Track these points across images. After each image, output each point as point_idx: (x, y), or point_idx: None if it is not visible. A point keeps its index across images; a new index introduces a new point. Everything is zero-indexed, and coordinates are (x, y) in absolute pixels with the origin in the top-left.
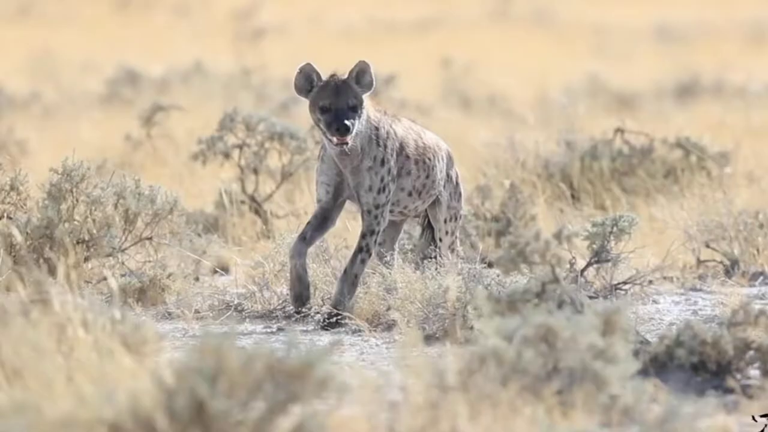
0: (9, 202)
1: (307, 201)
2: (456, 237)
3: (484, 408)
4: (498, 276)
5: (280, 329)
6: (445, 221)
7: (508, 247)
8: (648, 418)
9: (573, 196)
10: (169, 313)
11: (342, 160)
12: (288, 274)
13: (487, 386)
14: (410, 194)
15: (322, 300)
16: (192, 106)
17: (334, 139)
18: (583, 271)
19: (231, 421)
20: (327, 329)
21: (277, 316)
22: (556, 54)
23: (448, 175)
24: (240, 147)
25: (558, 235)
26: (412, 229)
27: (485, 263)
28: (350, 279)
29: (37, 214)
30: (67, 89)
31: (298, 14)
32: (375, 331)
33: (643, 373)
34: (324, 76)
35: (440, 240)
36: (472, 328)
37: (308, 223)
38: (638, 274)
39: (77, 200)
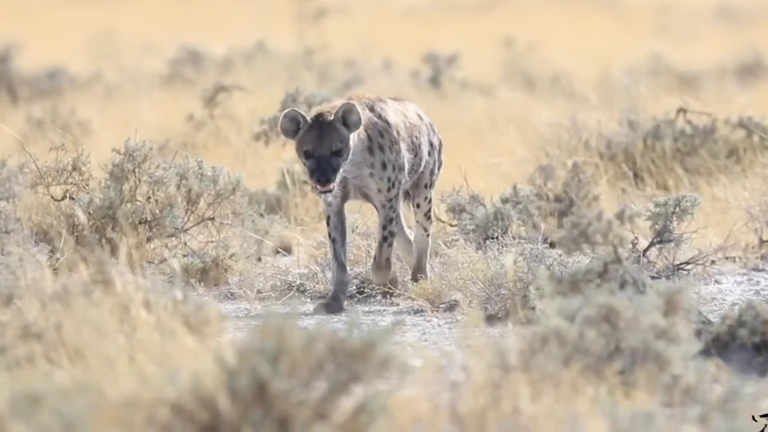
0: (71, 183)
1: None
2: (432, 204)
3: (546, 388)
4: (560, 256)
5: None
6: (426, 186)
7: (571, 227)
8: (710, 398)
9: (635, 176)
10: (232, 294)
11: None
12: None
13: (548, 366)
14: (404, 181)
15: None
16: (254, 86)
17: (317, 187)
18: (645, 251)
19: (293, 401)
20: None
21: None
22: (618, 34)
23: (431, 144)
24: None
25: (620, 216)
26: (474, 209)
27: (547, 243)
28: (383, 264)
29: (100, 195)
30: (129, 69)
31: None
32: (437, 311)
33: (705, 353)
34: (310, 118)
35: (417, 206)
36: (534, 308)
37: (333, 240)
38: (700, 254)
39: (139, 181)
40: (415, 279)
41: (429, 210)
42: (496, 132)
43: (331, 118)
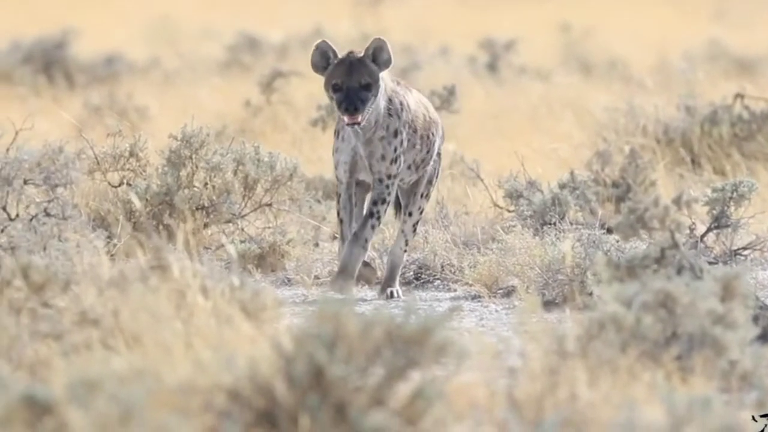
0: (128, 169)
1: None
2: (421, 216)
3: (603, 374)
4: (617, 242)
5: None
6: (422, 196)
7: (628, 212)
8: (767, 383)
9: (693, 162)
10: (289, 279)
11: (356, 131)
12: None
13: (606, 352)
14: (410, 167)
15: (442, 266)
16: (311, 72)
17: (345, 119)
18: (702, 236)
19: (349, 387)
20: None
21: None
22: (676, 18)
23: (438, 151)
24: None
25: (677, 201)
26: (532, 195)
27: (604, 229)
28: (361, 243)
29: (157, 181)
30: (186, 55)
31: None
32: (494, 296)
33: (763, 338)
34: (341, 54)
35: (409, 215)
36: (591, 293)
37: (341, 221)
38: (758, 240)
39: (197, 166)
40: (383, 292)
41: (417, 222)
42: (553, 117)
43: (362, 54)
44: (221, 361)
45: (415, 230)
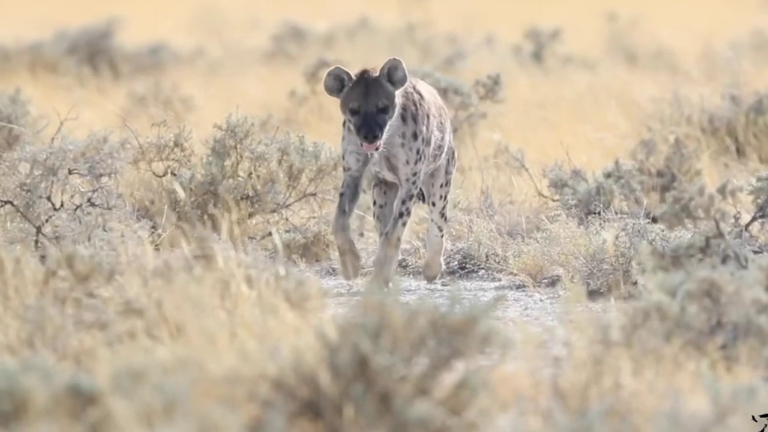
0: (173, 159)
1: (471, 156)
2: (447, 202)
3: (648, 363)
4: (662, 231)
5: (443, 284)
6: (441, 186)
7: (673, 202)
8: None
9: (738, 151)
10: (333, 269)
11: None
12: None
13: (650, 341)
14: (428, 157)
15: (486, 256)
16: (357, 62)
17: (363, 146)
18: (747, 225)
19: (394, 376)
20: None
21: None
22: (721, 7)
23: (451, 140)
24: None
25: (722, 190)
26: (576, 184)
27: (649, 218)
28: (393, 242)
29: (201, 171)
30: (231, 45)
31: None
32: (539, 286)
33: None
34: (354, 75)
35: (433, 204)
36: (635, 283)
37: (342, 194)
38: None
39: (241, 156)
40: (427, 277)
41: (444, 208)
42: (599, 107)
43: (377, 74)
44: (265, 351)
45: (443, 216)
